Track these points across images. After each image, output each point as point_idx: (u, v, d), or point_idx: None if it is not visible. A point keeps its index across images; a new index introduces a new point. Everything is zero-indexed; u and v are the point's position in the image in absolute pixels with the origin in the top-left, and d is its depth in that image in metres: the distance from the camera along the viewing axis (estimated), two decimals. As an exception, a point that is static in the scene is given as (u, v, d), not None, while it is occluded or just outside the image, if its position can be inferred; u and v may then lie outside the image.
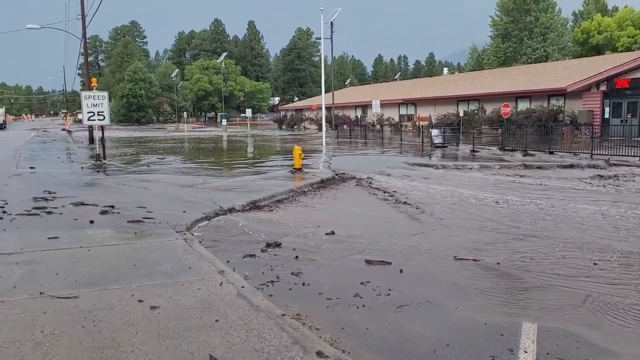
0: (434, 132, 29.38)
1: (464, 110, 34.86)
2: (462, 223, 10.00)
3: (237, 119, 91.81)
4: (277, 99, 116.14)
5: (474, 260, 7.43)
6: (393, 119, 45.12)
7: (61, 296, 5.39)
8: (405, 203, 12.00)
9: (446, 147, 28.42)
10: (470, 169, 18.84)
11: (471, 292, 6.20)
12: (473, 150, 25.47)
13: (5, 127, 63.64)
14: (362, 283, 6.38)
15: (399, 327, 5.24)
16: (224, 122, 64.88)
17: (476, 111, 36.37)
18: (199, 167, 19.53)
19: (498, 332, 5.10)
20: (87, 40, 32.63)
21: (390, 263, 7.25)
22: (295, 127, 61.52)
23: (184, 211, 10.11)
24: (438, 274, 6.90)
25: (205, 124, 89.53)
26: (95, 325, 4.66)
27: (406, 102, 45.36)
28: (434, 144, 28.47)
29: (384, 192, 13.55)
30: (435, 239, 8.79)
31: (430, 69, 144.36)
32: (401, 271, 6.92)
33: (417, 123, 39.06)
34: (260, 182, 14.56)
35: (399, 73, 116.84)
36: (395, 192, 13.53)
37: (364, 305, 5.69)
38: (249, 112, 61.50)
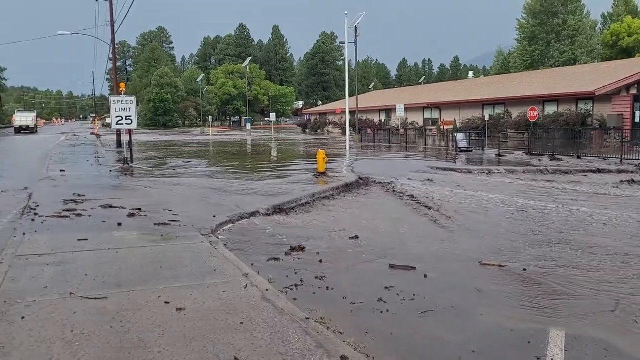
0: (459, 136, 29.11)
1: (489, 114, 34.47)
2: (487, 228, 9.89)
3: (262, 123, 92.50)
4: (301, 103, 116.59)
5: (500, 266, 7.34)
6: (417, 123, 44.85)
7: (90, 297, 5.50)
8: (429, 207, 11.92)
9: (471, 151, 28.12)
10: (496, 173, 18.61)
11: (497, 298, 6.13)
12: (499, 155, 25.16)
13: (36, 131, 65.28)
14: (386, 288, 6.36)
15: (424, 332, 5.21)
16: (249, 126, 65.34)
17: (502, 115, 35.90)
18: (223, 170, 19.72)
19: (525, 339, 5.03)
20: (116, 46, 33.29)
21: (414, 268, 7.21)
22: (319, 131, 61.63)
23: (209, 214, 10.22)
24: (463, 280, 6.83)
25: (230, 128, 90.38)
26: (123, 326, 4.75)
27: (431, 106, 45.07)
28: (459, 148, 28.19)
29: (408, 197, 13.48)
30: (460, 244, 8.71)
31: (455, 72, 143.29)
32: (425, 276, 6.88)
33: (441, 127, 38.74)
34: (284, 185, 14.63)
35: (424, 77, 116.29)
36: (419, 196, 13.45)
37: (388, 310, 5.67)
38: (273, 116, 61.83)
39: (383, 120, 51.43)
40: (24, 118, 66.16)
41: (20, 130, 63.33)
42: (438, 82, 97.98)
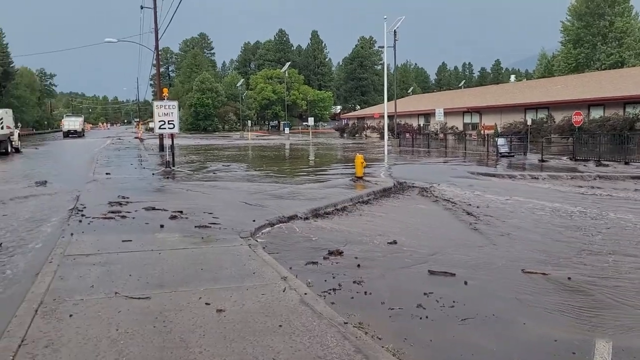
0: (500, 141, 28.57)
1: (531, 119, 33.70)
2: (530, 235, 9.66)
3: (300, 127, 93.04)
4: (339, 107, 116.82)
5: (543, 274, 7.16)
6: (457, 128, 44.24)
7: (134, 296, 5.65)
8: (469, 213, 11.73)
9: (513, 156, 27.55)
10: (539, 179, 18.16)
11: (540, 307, 5.98)
12: (542, 160, 24.55)
13: (83, 135, 67.60)
14: (425, 294, 6.29)
15: (464, 340, 5.13)
16: (287, 130, 65.90)
17: (545, 119, 35.05)
18: (262, 174, 19.93)
19: (569, 349, 4.89)
20: (159, 52, 34.14)
21: (454, 274, 7.11)
22: (356, 135, 61.56)
23: (249, 218, 10.34)
24: (505, 287, 6.70)
25: (269, 132, 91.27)
26: (166, 326, 4.86)
27: (471, 111, 44.39)
28: (500, 153, 27.67)
29: (448, 202, 13.30)
30: (502, 251, 8.54)
31: (496, 76, 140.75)
32: (466, 283, 6.77)
33: (482, 132, 38.10)
34: (322, 190, 14.67)
35: (464, 81, 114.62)
36: (459, 201, 13.25)
37: (427, 317, 5.61)
38: (311, 121, 62.15)
39: (422, 125, 50.96)
40: (71, 122, 68.73)
41: (68, 134, 65.80)
42: (479, 86, 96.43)
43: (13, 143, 32.84)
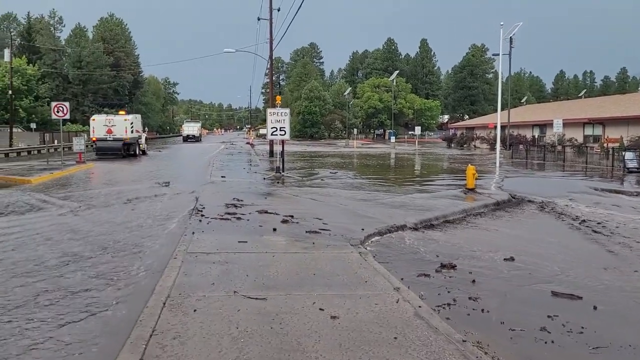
0: (628, 155, 26.24)
1: (666, 131, 30.59)
2: (668, 260, 8.70)
3: (405, 136, 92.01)
4: (446, 116, 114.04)
5: (687, 304, 6.40)
6: (576, 140, 41.26)
7: (251, 296, 5.83)
8: (595, 231, 10.83)
9: (643, 172, 25.17)
10: (675, 198, 16.37)
11: (686, 342, 5.34)
12: (678, 177, 22.17)
13: (200, 140, 72.21)
14: (548, 316, 5.86)
15: (596, 371, 4.70)
16: (392, 139, 65.42)
17: (682, 132, 31.65)
18: (369, 182, 19.90)
19: None
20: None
21: (581, 297, 6.57)
22: (464, 145, 59.64)
23: (357, 225, 10.33)
24: (641, 316, 6.07)
25: (374, 140, 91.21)
26: (282, 328, 4.95)
27: (592, 122, 41.22)
28: (627, 168, 25.41)
29: (569, 219, 12.40)
30: (635, 274, 7.77)
31: (621, 85, 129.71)
32: (595, 308, 6.23)
33: (605, 145, 35.22)
34: (431, 200, 14.33)
35: (584, 90, 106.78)
36: (582, 219, 12.29)
37: (552, 342, 5.22)
38: (417, 130, 61.21)
39: (536, 136, 48.19)
40: (190, 128, 73.88)
41: (187, 138, 70.83)
42: (601, 95, 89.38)
43: (140, 146, 35.75)
